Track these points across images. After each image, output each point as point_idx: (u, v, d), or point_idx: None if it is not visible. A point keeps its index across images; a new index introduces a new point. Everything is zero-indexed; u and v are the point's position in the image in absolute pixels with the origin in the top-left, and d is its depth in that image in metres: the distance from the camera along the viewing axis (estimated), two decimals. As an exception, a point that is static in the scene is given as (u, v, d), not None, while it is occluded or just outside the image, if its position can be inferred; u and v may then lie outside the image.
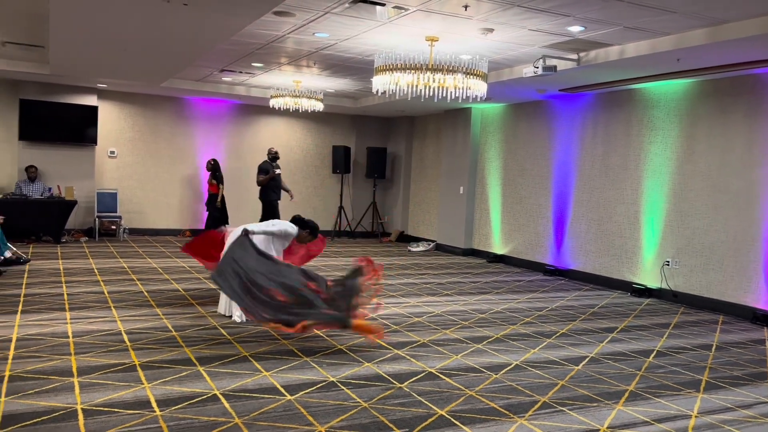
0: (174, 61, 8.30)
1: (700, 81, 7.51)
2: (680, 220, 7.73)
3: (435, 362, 4.58)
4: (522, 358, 4.81)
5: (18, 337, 4.69)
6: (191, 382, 3.87)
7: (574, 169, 9.30)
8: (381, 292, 5.04)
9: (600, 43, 6.57)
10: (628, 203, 8.41)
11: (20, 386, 3.65)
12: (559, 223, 9.54)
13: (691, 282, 7.55)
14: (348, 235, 13.63)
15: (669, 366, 4.82)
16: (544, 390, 4.08)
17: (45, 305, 5.80)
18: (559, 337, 5.56)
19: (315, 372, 4.21)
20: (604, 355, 5.03)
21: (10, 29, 7.54)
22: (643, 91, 8.24)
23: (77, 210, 10.91)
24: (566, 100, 9.46)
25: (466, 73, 6.27)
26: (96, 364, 4.13)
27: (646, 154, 8.19)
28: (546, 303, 7.19)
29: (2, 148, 10.97)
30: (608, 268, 8.66)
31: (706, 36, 5.77)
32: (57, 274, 7.43)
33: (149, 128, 12.06)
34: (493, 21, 5.94)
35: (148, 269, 8.11)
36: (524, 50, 7.07)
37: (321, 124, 13.42)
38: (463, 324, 5.89)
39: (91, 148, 11.41)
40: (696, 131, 7.60)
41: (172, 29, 6.35)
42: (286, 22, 6.32)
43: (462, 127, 11.53)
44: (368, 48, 7.29)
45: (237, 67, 9.22)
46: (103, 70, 9.42)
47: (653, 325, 6.33)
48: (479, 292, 7.71)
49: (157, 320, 5.43)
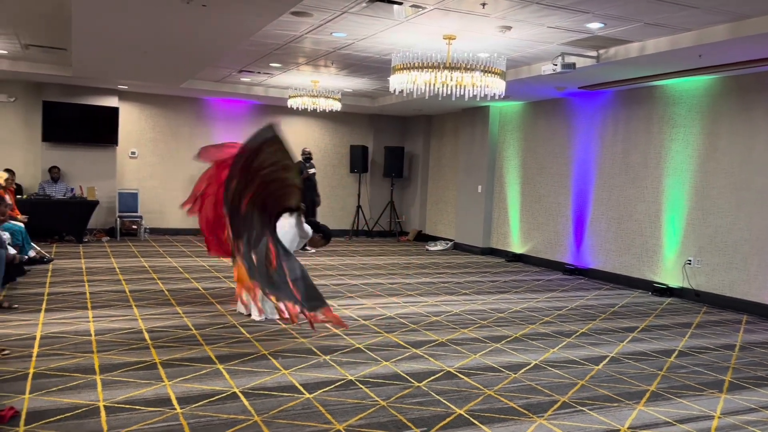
0: (193, 62, 8.38)
1: (722, 77, 7.40)
2: (702, 218, 7.62)
3: (453, 361, 4.57)
4: (541, 358, 4.78)
5: (42, 335, 4.77)
6: (211, 380, 3.90)
7: (594, 167, 9.22)
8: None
9: (620, 40, 6.50)
10: (648, 201, 8.32)
11: (44, 383, 3.71)
12: (579, 222, 9.46)
13: (714, 281, 7.45)
14: (366, 234, 13.65)
15: (691, 366, 4.76)
16: (563, 390, 4.05)
17: (68, 304, 5.88)
18: (579, 337, 5.51)
19: (333, 370, 4.22)
20: (625, 355, 4.98)
21: (33, 32, 7.66)
22: (664, 88, 8.14)
23: (99, 210, 11.05)
24: (586, 98, 9.37)
25: (484, 71, 6.25)
26: (118, 362, 4.18)
27: (667, 152, 8.09)
28: (565, 302, 7.14)
29: (26, 149, 11.15)
30: (629, 267, 8.57)
31: (728, 31, 5.68)
32: (79, 273, 7.53)
33: (169, 129, 12.18)
34: (511, 18, 5.91)
35: (168, 268, 8.19)
36: (543, 48, 7.02)
37: (339, 123, 13.45)
38: (481, 323, 5.87)
39: (112, 149, 11.55)
40: (718, 128, 7.49)
41: (192, 30, 6.41)
42: (303, 22, 6.35)
43: (480, 126, 11.48)
44: (385, 47, 7.29)
45: (255, 68, 9.28)
46: (124, 71, 9.53)
47: (675, 324, 6.25)
48: (498, 291, 7.68)
49: (177, 318, 5.49)
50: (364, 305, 6.44)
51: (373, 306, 6.42)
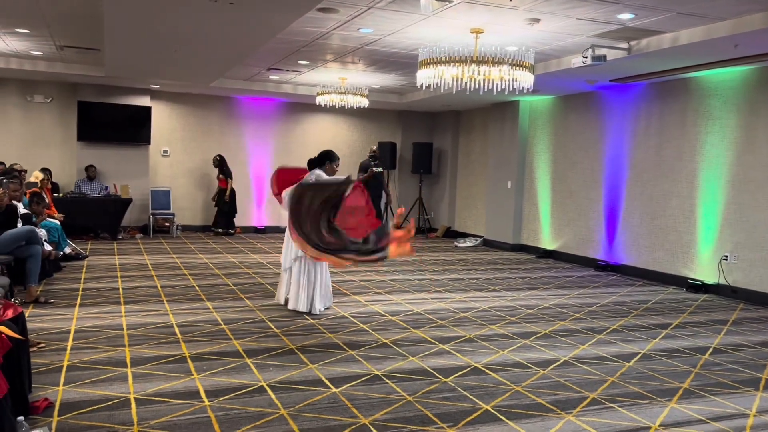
0: (222, 60, 8.47)
1: (759, 67, 7.19)
2: (739, 213, 7.42)
3: (481, 357, 4.53)
4: (570, 354, 4.71)
5: (76, 329, 4.88)
6: (239, 374, 3.94)
7: (627, 162, 9.05)
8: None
9: (652, 31, 6.36)
10: (683, 196, 8.13)
11: (77, 375, 3.79)
12: (611, 218, 9.30)
13: (751, 277, 7.25)
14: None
15: (726, 363, 4.64)
16: (593, 386, 3.98)
17: (102, 299, 6.01)
18: (610, 333, 5.42)
19: (360, 365, 4.23)
20: (657, 352, 4.88)
21: (68, 33, 7.83)
22: (699, 79, 7.94)
23: (132, 207, 11.26)
24: (617, 91, 9.20)
25: (512, 65, 6.18)
26: (148, 356, 4.25)
27: (702, 145, 7.89)
28: (597, 299, 7.03)
29: (62, 149, 11.42)
30: (662, 263, 8.39)
31: (765, 19, 5.51)
32: (113, 269, 7.69)
33: (200, 127, 12.35)
34: (539, 11, 5.83)
35: (199, 264, 8.31)
36: (572, 40, 6.91)
37: (367, 120, 13.45)
38: (510, 319, 5.81)
39: (145, 148, 11.76)
40: (756, 120, 7.28)
41: (220, 29, 6.47)
42: (330, 18, 6.36)
43: (509, 121, 11.36)
44: (412, 42, 7.26)
45: (284, 66, 9.34)
46: (155, 71, 9.69)
47: (710, 321, 6.10)
48: (527, 287, 7.60)
49: (207, 313, 5.56)
50: (391, 301, 6.43)
51: (401, 302, 6.41)
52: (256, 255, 9.42)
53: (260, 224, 12.65)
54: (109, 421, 3.15)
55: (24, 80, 11.01)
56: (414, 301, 6.45)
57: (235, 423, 3.19)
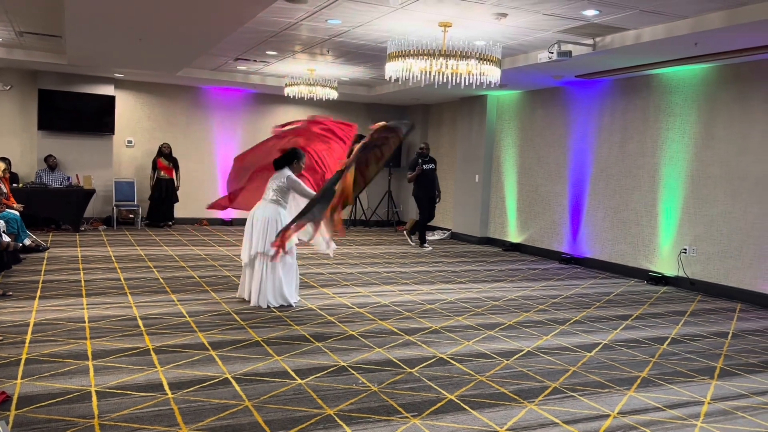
0: (189, 49, 8.34)
1: (719, 66, 7.38)
2: (698, 207, 7.62)
3: (446, 348, 4.58)
4: (534, 345, 4.79)
5: (35, 321, 4.78)
6: (203, 366, 3.91)
7: (591, 157, 9.21)
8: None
9: (616, 28, 6.47)
10: (644, 191, 8.32)
11: (36, 369, 3.72)
12: (576, 211, 9.46)
13: (709, 270, 7.46)
14: (363, 224, 13.65)
15: (683, 353, 4.78)
16: (555, 376, 4.06)
17: (63, 291, 5.89)
18: (573, 324, 5.53)
19: (326, 357, 4.23)
20: (618, 342, 5.00)
21: (28, 19, 7.62)
22: (661, 76, 8.12)
23: (95, 199, 11.04)
24: (583, 87, 9.35)
25: (480, 59, 6.22)
26: (110, 348, 4.19)
27: (664, 141, 8.08)
28: (561, 291, 7.15)
29: (22, 138, 11.13)
30: (624, 256, 8.58)
31: (724, 19, 5.65)
32: (75, 262, 7.54)
33: (166, 117, 12.15)
34: (507, 5, 5.88)
35: (164, 257, 8.20)
36: (539, 35, 7.00)
37: (336, 112, 13.39)
38: (476, 311, 5.88)
39: (108, 138, 11.52)
40: (715, 117, 7.47)
41: (186, 17, 6.37)
42: (298, 8, 6.31)
43: (477, 115, 11.45)
44: (381, 34, 7.26)
45: (251, 56, 9.24)
46: (120, 59, 9.49)
47: (669, 312, 6.26)
48: (494, 280, 7.69)
49: (171, 306, 5.50)
50: (359, 293, 6.45)
51: (368, 294, 6.43)
52: (223, 247, 9.33)
53: (227, 217, 12.53)
54: (68, 414, 3.10)
55: (-19, 67, 10.70)
56: (381, 294, 6.48)
57: (199, 415, 3.17)
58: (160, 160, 11.47)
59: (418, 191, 10.32)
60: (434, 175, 10.38)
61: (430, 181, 10.29)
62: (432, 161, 10.38)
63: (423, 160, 10.25)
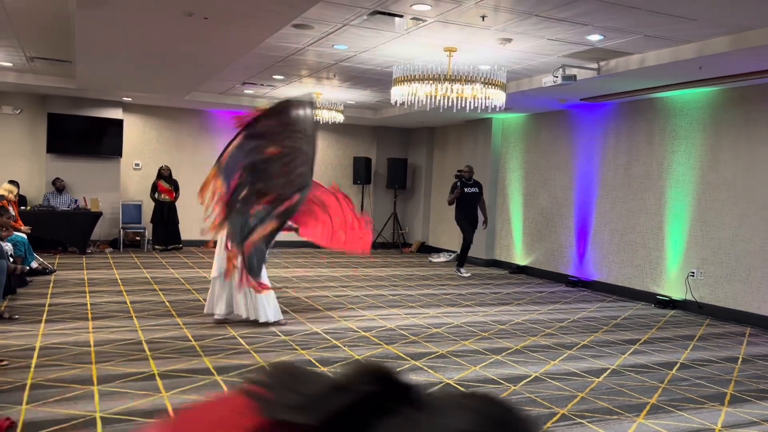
0: (196, 74, 8.43)
1: (724, 89, 7.40)
2: (705, 230, 7.59)
3: (453, 373, 4.55)
4: (542, 370, 4.75)
5: (41, 345, 4.77)
6: (209, 391, 3.89)
7: (597, 179, 9.21)
8: None
9: (620, 52, 6.52)
10: (651, 213, 8.30)
11: (41, 394, 3.71)
12: (582, 234, 9.44)
13: (717, 293, 7.41)
14: (369, 245, 13.63)
15: (693, 379, 4.72)
16: (563, 402, 4.02)
17: (68, 314, 5.89)
18: (581, 349, 5.48)
19: (332, 382, 4.20)
20: (626, 367, 4.95)
21: (38, 45, 7.73)
22: (666, 99, 8.15)
23: (102, 221, 11.09)
24: (588, 110, 9.38)
25: (485, 83, 6.27)
26: (116, 373, 4.18)
27: (670, 164, 8.08)
28: (568, 314, 7.11)
29: (31, 161, 11.23)
30: (631, 279, 8.54)
31: (729, 43, 5.69)
32: (81, 284, 7.55)
33: (173, 141, 12.25)
34: (511, 31, 5.94)
35: (170, 280, 8.20)
36: (543, 60, 7.05)
37: (342, 135, 13.49)
38: (482, 335, 5.84)
39: (116, 161, 11.61)
40: (720, 140, 7.48)
41: (194, 43, 6.45)
42: (305, 34, 6.39)
43: (483, 138, 11.49)
44: (387, 59, 7.33)
45: (258, 80, 9.33)
46: (128, 83, 9.60)
47: (677, 337, 6.21)
48: (500, 303, 7.65)
49: (177, 329, 5.49)
50: (364, 316, 6.42)
51: (374, 317, 6.41)
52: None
53: (233, 239, 12.53)
54: (73, 440, 3.08)
55: (-8, 91, 10.84)
56: (387, 317, 6.45)
57: (204, 442, 3.14)
58: (160, 183, 11.50)
59: (459, 215, 10.10)
60: (478, 199, 10.07)
61: (472, 206, 10.05)
62: (476, 185, 10.08)
63: (462, 183, 10.03)
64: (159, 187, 11.48)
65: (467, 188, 10.03)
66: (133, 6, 5.22)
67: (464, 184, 10.04)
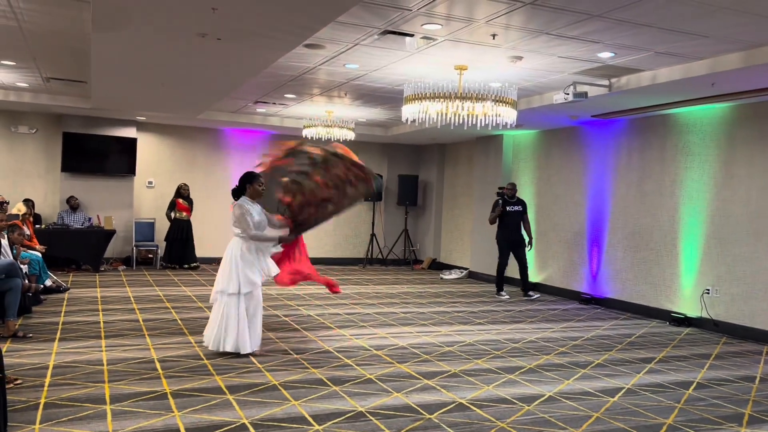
0: (209, 93, 8.52)
1: (737, 105, 7.37)
2: (720, 247, 7.51)
3: (466, 393, 4.51)
4: (555, 390, 4.69)
5: (54, 364, 4.79)
6: (221, 411, 3.88)
7: (609, 196, 9.16)
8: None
9: (631, 69, 6.52)
10: (665, 230, 8.23)
11: (55, 413, 3.71)
12: (595, 251, 9.37)
13: (733, 311, 7.31)
14: (380, 262, 13.62)
15: (710, 398, 4.65)
16: (577, 422, 3.97)
17: (82, 333, 5.92)
18: (595, 368, 5.42)
19: (344, 401, 4.18)
20: (642, 387, 4.88)
21: (54, 66, 7.85)
22: (678, 116, 8.12)
23: (116, 239, 11.17)
24: (599, 126, 9.36)
25: (496, 101, 6.28)
26: (128, 392, 4.18)
27: (683, 180, 8.03)
28: (581, 332, 7.04)
29: (46, 180, 11.36)
30: (646, 296, 8.45)
31: (741, 60, 5.67)
32: (95, 302, 7.59)
33: (186, 159, 12.35)
34: (522, 49, 5.96)
35: (183, 297, 8.22)
36: (554, 77, 7.06)
37: (353, 152, 13.51)
38: (495, 354, 5.79)
39: (129, 179, 11.72)
40: (734, 156, 7.43)
41: (207, 63, 6.53)
42: (316, 54, 6.45)
43: (494, 154, 11.49)
44: (398, 78, 7.37)
45: (270, 99, 9.41)
46: (142, 103, 9.72)
47: (693, 355, 6.12)
48: (512, 321, 7.60)
49: (189, 348, 5.49)
50: (376, 335, 6.40)
51: (386, 335, 6.38)
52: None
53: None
54: (86, 461, 3.08)
55: (9, 111, 10.99)
56: (399, 335, 6.42)
57: (216, 462, 3.13)
58: (179, 201, 11.59)
59: (498, 234, 9.76)
60: (521, 218, 9.69)
61: (513, 225, 9.65)
62: (519, 203, 9.73)
63: (504, 201, 9.65)
64: (178, 204, 11.57)
65: (509, 206, 9.66)
66: (147, 28, 5.30)
67: (506, 202, 9.67)
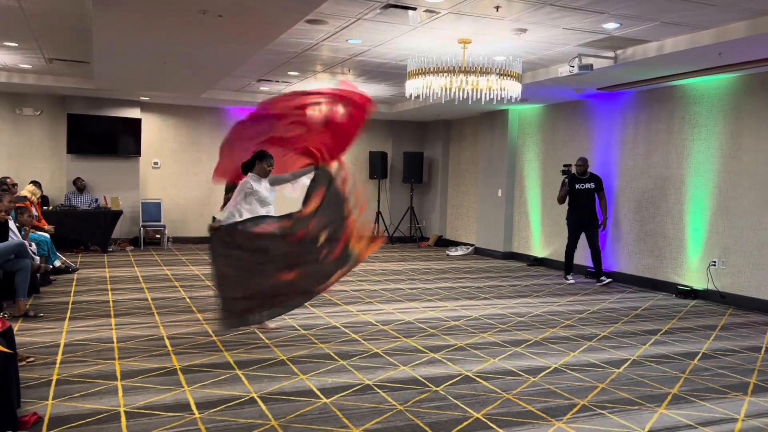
0: (212, 72, 8.49)
1: (744, 75, 7.28)
2: (726, 219, 7.49)
3: (472, 365, 4.54)
4: (561, 361, 4.73)
5: (66, 342, 4.86)
6: (229, 385, 3.94)
7: (615, 169, 9.12)
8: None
9: (637, 40, 6.44)
10: (671, 203, 8.20)
11: (67, 389, 3.78)
12: (600, 225, 9.34)
13: (740, 282, 7.31)
14: (386, 239, 13.65)
15: (715, 369, 4.68)
16: (583, 393, 4.00)
17: (91, 312, 5.98)
18: (600, 340, 5.45)
19: (351, 375, 4.23)
20: (647, 358, 4.91)
21: (57, 46, 7.83)
22: (685, 87, 8.04)
23: (123, 220, 11.22)
24: (605, 99, 9.29)
25: (500, 75, 6.25)
26: (139, 368, 4.24)
27: (690, 152, 7.97)
28: (587, 306, 7.06)
29: (51, 162, 11.39)
30: (652, 269, 8.45)
31: (747, 28, 5.59)
32: (103, 282, 7.66)
33: (191, 139, 12.35)
34: (526, 21, 5.89)
35: (190, 276, 8.29)
36: (559, 49, 6.98)
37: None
38: (501, 327, 5.83)
39: (135, 160, 11.74)
40: (741, 127, 7.36)
41: (209, 41, 6.50)
42: (319, 30, 6.40)
43: (499, 130, 11.43)
44: (401, 53, 7.31)
45: (273, 77, 9.37)
46: (145, 83, 9.69)
47: (699, 327, 6.14)
48: (518, 295, 7.63)
49: (198, 325, 5.55)
50: (383, 310, 6.44)
51: (392, 311, 6.42)
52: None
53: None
54: (98, 434, 3.14)
55: (13, 93, 11.00)
56: (405, 311, 6.46)
57: (226, 435, 3.18)
58: None
59: (569, 214, 8.95)
60: (594, 196, 8.72)
61: (585, 204, 8.72)
62: (592, 179, 8.75)
63: (572, 178, 8.79)
64: None
65: (579, 184, 8.75)
66: (148, 4, 5.26)
67: (576, 179, 8.79)
